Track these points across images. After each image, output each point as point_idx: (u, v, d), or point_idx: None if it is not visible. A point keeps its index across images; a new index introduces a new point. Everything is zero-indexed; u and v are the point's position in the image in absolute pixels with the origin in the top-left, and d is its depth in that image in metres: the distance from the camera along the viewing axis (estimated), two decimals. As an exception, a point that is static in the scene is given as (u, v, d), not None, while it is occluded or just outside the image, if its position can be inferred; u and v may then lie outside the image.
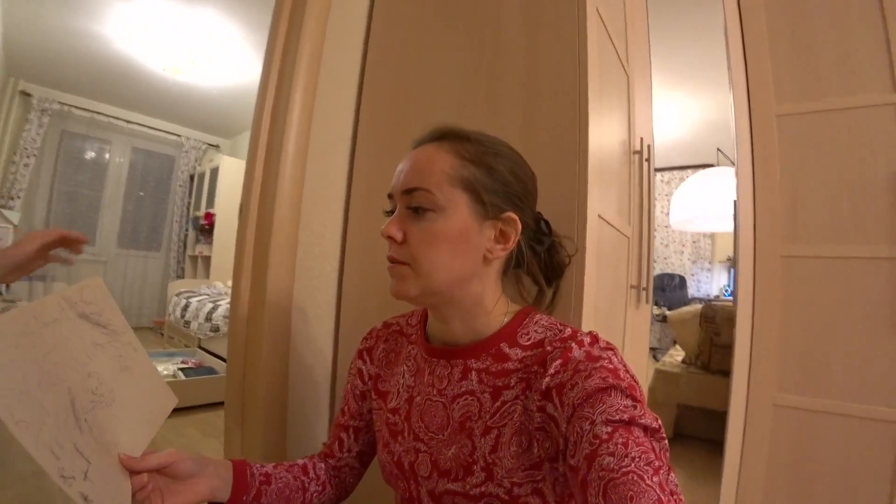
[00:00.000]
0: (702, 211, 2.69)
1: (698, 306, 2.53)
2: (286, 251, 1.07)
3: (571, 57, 0.84)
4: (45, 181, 4.56)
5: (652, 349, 5.15)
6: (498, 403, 0.55)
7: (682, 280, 5.37)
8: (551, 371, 0.50)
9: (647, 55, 1.35)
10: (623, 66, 1.18)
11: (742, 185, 1.46)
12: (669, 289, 5.28)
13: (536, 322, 0.59)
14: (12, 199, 4.16)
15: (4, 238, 3.56)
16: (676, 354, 2.86)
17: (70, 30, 3.34)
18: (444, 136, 0.60)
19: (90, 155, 4.97)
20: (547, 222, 0.66)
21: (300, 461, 0.71)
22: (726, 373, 1.52)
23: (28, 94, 4.29)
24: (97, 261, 4.93)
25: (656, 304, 5.29)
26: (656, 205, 5.68)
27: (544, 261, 0.65)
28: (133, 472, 0.49)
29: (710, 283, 5.42)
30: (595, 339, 0.53)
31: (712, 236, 5.39)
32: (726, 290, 5.06)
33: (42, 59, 3.83)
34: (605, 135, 0.96)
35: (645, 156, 1.24)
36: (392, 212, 0.61)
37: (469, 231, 0.56)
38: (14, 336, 0.43)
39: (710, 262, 5.42)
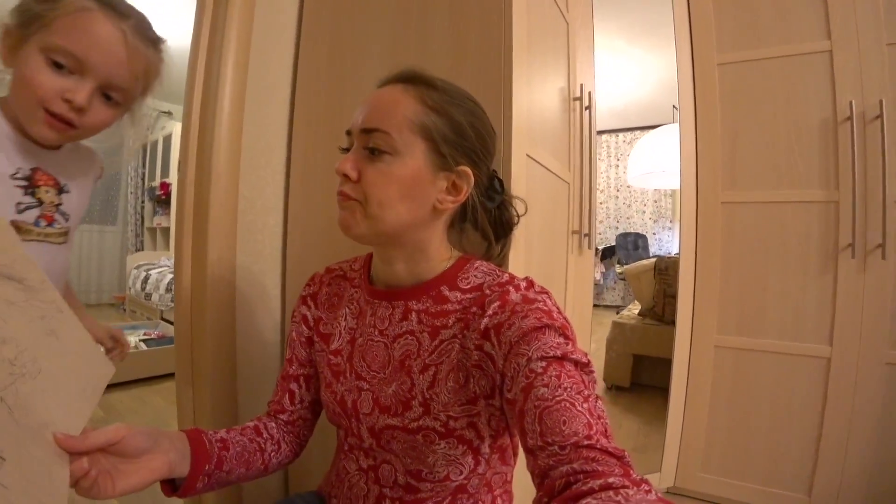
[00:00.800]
0: (656, 166, 2.74)
1: (653, 260, 2.61)
2: (226, 207, 1.03)
3: (496, 3, 0.83)
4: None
5: (616, 307, 5.32)
6: (436, 342, 0.58)
7: (644, 239, 5.51)
8: (489, 312, 0.53)
9: (590, 2, 1.34)
10: (562, 13, 1.17)
11: (685, 135, 1.49)
12: (633, 248, 5.41)
13: (476, 268, 0.61)
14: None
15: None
16: (634, 308, 2.96)
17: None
18: (411, 80, 0.59)
19: (31, 125, 4.69)
20: (501, 181, 0.66)
21: (250, 423, 0.68)
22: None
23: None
24: (48, 237, 4.72)
25: (619, 262, 5.43)
26: (619, 166, 5.75)
27: (494, 217, 0.66)
28: (73, 455, 0.42)
29: (672, 242, 5.57)
30: (531, 283, 0.56)
31: (672, 195, 5.51)
32: (685, 248, 5.21)
33: None
34: (534, 80, 0.95)
35: (585, 103, 1.24)
36: (348, 149, 0.60)
37: (422, 179, 0.57)
38: None
39: (670, 222, 5.56)
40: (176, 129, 4.73)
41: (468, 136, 0.59)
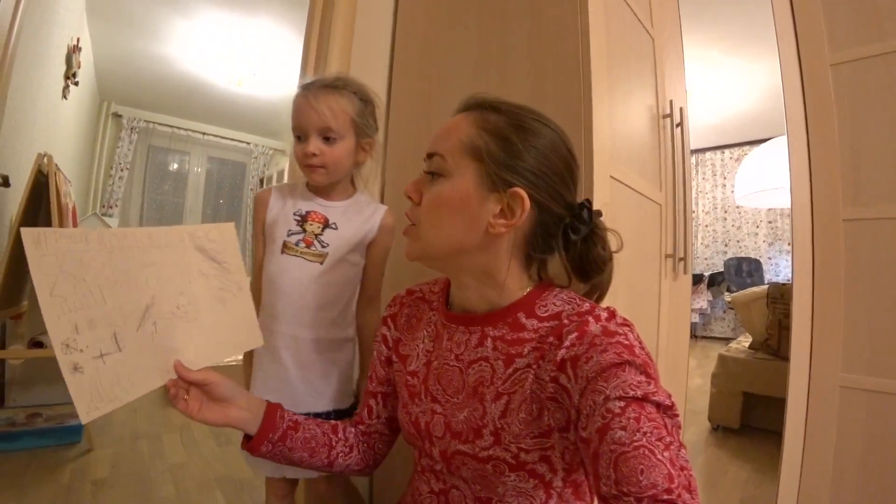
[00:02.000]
0: (767, 183, 2.48)
1: (765, 287, 2.35)
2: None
3: (573, 25, 0.84)
4: (136, 191, 5.11)
5: (726, 339, 4.82)
6: (510, 371, 0.56)
7: (757, 264, 4.97)
8: (567, 343, 0.51)
9: (677, 16, 1.28)
10: (646, 29, 1.14)
11: (795, 145, 1.34)
12: (744, 275, 4.90)
13: (555, 295, 0.59)
14: (111, 207, 4.70)
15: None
16: (745, 341, 2.67)
17: (145, 53, 3.73)
18: (476, 106, 0.61)
19: (173, 166, 5.48)
20: (591, 211, 0.60)
21: (335, 422, 0.73)
22: (798, 357, 1.41)
23: (119, 116, 4.82)
24: (182, 262, 5.44)
25: (728, 290, 4.94)
26: (726, 185, 5.29)
27: (579, 252, 0.60)
28: (181, 378, 0.58)
29: (791, 267, 4.96)
30: (612, 314, 0.53)
31: (791, 214, 4.93)
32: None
33: (127, 82, 4.30)
34: (616, 98, 0.93)
35: (676, 120, 1.18)
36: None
37: (471, 200, 0.56)
38: (113, 240, 0.53)
39: (788, 244, 4.96)
40: (289, 163, 5.24)
41: (523, 157, 0.56)
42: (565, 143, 0.60)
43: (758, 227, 5.12)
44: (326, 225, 0.86)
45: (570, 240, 0.59)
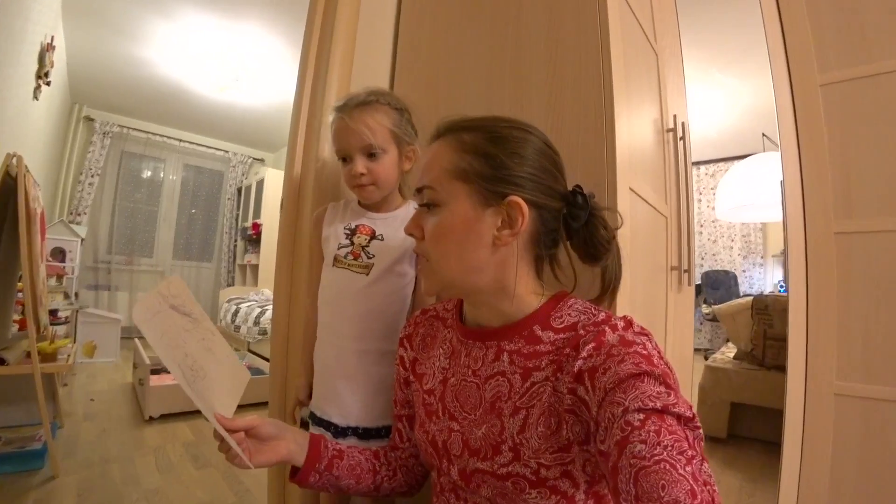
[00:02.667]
0: (748, 199, 2.57)
1: (749, 298, 2.41)
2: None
3: (593, 37, 0.84)
4: (108, 198, 4.92)
5: (704, 350, 4.92)
6: (528, 384, 0.55)
7: (733, 276, 5.12)
8: (584, 354, 0.50)
9: (677, 32, 1.32)
10: (651, 44, 1.16)
11: (787, 161, 1.39)
12: (723, 287, 5.04)
13: (570, 306, 0.58)
14: (79, 214, 4.50)
15: (73, 250, 3.85)
16: (728, 351, 2.73)
17: (122, 56, 3.60)
18: (446, 132, 0.61)
19: (147, 173, 5.31)
20: (584, 195, 0.60)
21: (374, 448, 0.75)
22: (782, 368, 1.44)
23: (91, 119, 4.65)
24: (155, 271, 5.25)
25: (705, 302, 5.07)
26: (702, 199, 5.46)
27: (583, 237, 0.60)
28: (228, 429, 0.58)
29: (764, 279, 5.13)
30: (629, 323, 0.52)
31: (763, 229, 5.11)
32: (781, 287, 4.78)
33: (101, 84, 4.15)
34: (633, 112, 0.95)
35: (679, 134, 1.20)
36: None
37: (471, 221, 0.57)
38: (148, 318, 0.58)
39: (762, 257, 5.14)
40: (268, 173, 5.16)
41: (507, 165, 0.56)
42: (541, 138, 0.61)
43: (733, 240, 5.28)
44: (373, 237, 0.88)
45: (573, 228, 0.60)
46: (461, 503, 0.61)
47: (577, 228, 0.60)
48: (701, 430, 0.43)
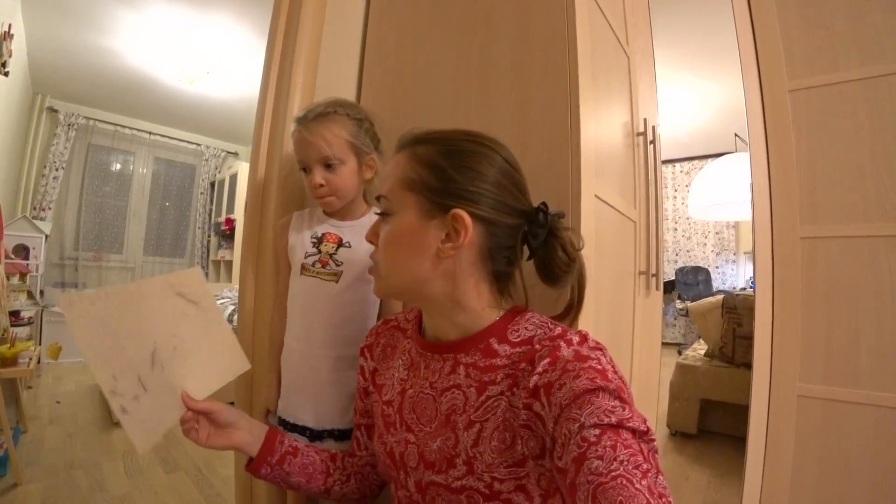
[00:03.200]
0: (721, 198, 2.61)
1: (720, 297, 2.45)
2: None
3: (560, 40, 0.83)
4: (73, 193, 4.73)
5: (677, 345, 5.02)
6: (483, 398, 0.55)
7: (706, 273, 5.22)
8: (539, 369, 0.50)
9: (650, 35, 1.31)
10: (623, 47, 1.15)
11: (756, 166, 1.41)
12: (694, 283, 5.14)
13: (528, 319, 0.58)
14: (44, 210, 4.33)
15: (37, 246, 3.71)
16: (699, 348, 2.78)
17: (87, 45, 3.45)
18: (407, 144, 0.62)
19: (115, 167, 5.14)
20: (547, 214, 0.59)
21: (333, 451, 0.76)
22: (751, 365, 1.47)
23: (55, 111, 4.46)
24: (125, 267, 5.09)
25: (679, 298, 5.17)
26: (677, 196, 5.54)
27: (541, 258, 0.60)
28: (189, 408, 0.63)
29: (736, 276, 5.25)
30: (584, 338, 0.53)
31: (736, 226, 5.22)
32: (752, 284, 4.90)
33: (65, 75, 3.97)
34: (600, 116, 0.94)
35: (650, 138, 1.20)
36: None
37: (416, 231, 0.57)
38: (119, 302, 0.61)
39: (734, 254, 5.26)
40: (242, 167, 5.04)
41: (455, 179, 0.56)
42: (502, 155, 0.60)
43: (706, 237, 5.39)
44: (340, 244, 0.89)
45: (532, 246, 0.60)
46: None
47: (535, 247, 0.60)
48: (655, 443, 0.44)
